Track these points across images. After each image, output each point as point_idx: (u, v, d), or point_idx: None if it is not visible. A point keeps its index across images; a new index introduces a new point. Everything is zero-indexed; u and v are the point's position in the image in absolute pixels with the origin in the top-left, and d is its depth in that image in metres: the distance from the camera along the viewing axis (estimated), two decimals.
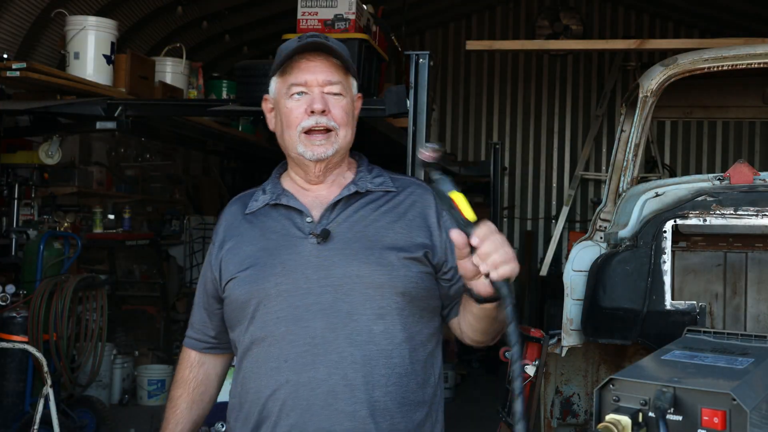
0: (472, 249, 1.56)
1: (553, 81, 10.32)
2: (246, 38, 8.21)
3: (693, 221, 2.80)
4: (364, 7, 4.54)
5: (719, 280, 3.00)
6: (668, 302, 2.81)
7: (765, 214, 2.77)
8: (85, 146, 7.20)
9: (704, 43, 5.02)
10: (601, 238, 3.18)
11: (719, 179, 3.01)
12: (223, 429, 3.21)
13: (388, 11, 6.78)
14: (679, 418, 1.58)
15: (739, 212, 2.78)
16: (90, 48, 4.88)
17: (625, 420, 1.57)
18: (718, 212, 2.79)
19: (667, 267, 2.81)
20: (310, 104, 1.82)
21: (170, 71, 5.66)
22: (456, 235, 1.58)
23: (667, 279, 2.81)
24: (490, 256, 1.55)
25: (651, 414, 1.60)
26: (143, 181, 8.22)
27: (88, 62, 4.87)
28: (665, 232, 2.81)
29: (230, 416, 1.90)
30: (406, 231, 1.84)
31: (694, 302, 2.82)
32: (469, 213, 1.56)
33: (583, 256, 3.10)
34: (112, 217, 7.03)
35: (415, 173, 3.94)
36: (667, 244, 2.81)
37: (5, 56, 4.42)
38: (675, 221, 2.81)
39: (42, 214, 5.81)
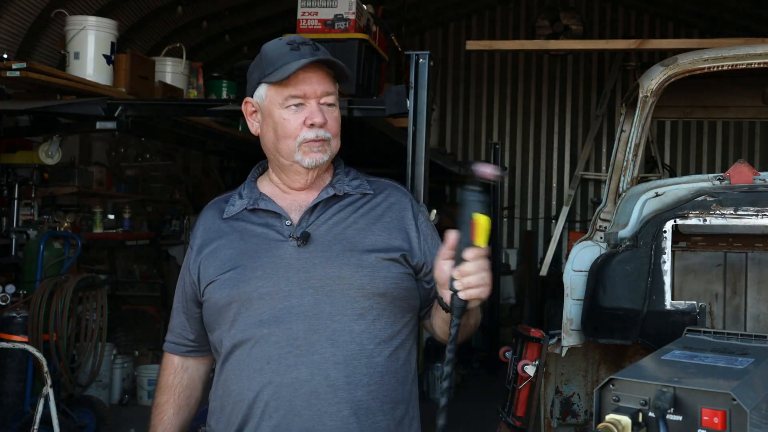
0: (458, 262, 1.62)
1: (553, 81, 10.32)
2: (246, 38, 8.20)
3: (693, 221, 2.80)
4: (364, 7, 4.54)
5: (719, 280, 3.00)
6: (668, 302, 2.80)
7: (765, 214, 2.76)
8: (85, 146, 7.20)
9: (704, 43, 5.02)
10: (601, 238, 3.18)
11: (719, 179, 3.01)
12: None
13: (388, 11, 6.77)
14: (679, 418, 1.58)
15: (739, 212, 2.78)
16: (90, 48, 4.88)
17: (625, 420, 1.57)
18: (718, 212, 2.79)
19: (667, 267, 2.81)
20: (310, 117, 1.83)
21: (170, 71, 5.66)
22: (453, 236, 1.63)
23: (667, 279, 2.81)
24: (469, 275, 1.61)
25: (651, 414, 1.60)
26: (143, 181, 8.21)
27: (88, 62, 4.87)
28: (665, 232, 2.81)
29: (211, 419, 1.90)
30: (385, 233, 1.87)
31: (694, 302, 2.82)
32: (481, 238, 1.62)
33: (583, 256, 3.10)
34: (112, 217, 7.03)
35: (415, 173, 3.94)
36: (667, 244, 2.81)
37: (5, 56, 4.41)
38: (675, 221, 2.81)
39: (42, 214, 5.81)
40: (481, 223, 1.61)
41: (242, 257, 1.85)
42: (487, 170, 1.61)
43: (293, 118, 1.84)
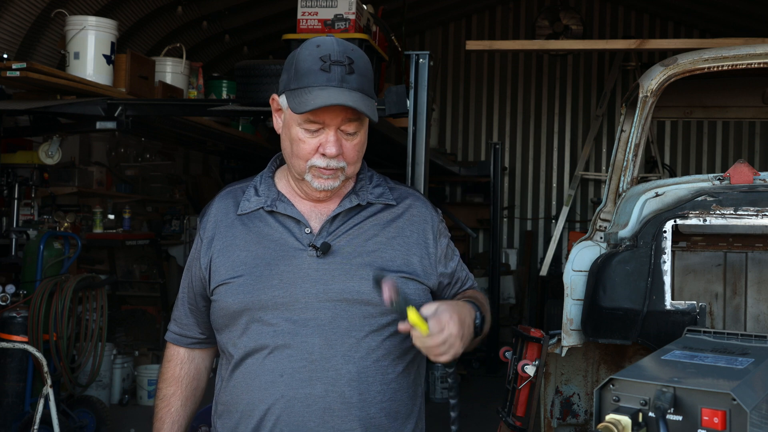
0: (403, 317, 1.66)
1: (553, 81, 10.32)
2: (246, 38, 8.21)
3: (693, 221, 2.80)
4: (364, 7, 4.54)
5: (719, 280, 3.00)
6: (668, 302, 2.81)
7: (765, 214, 2.77)
8: (85, 146, 7.20)
9: (704, 43, 5.02)
10: (601, 238, 3.18)
11: (719, 179, 3.01)
12: None
13: (388, 11, 6.78)
14: (679, 418, 1.58)
15: (739, 212, 2.78)
16: (90, 48, 4.88)
17: (625, 420, 1.57)
18: (718, 212, 2.79)
19: (667, 267, 2.81)
20: (323, 146, 1.75)
21: (170, 71, 5.66)
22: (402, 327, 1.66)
23: (667, 279, 2.81)
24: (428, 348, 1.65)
25: (651, 414, 1.60)
26: (143, 181, 8.22)
27: (88, 62, 4.87)
28: (665, 232, 2.81)
29: (215, 421, 1.87)
30: (404, 248, 1.84)
31: (694, 302, 2.82)
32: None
33: (583, 256, 3.10)
34: (112, 217, 7.03)
35: (415, 173, 3.94)
36: (667, 244, 2.81)
37: (5, 56, 4.42)
38: (675, 221, 2.81)
39: (42, 214, 5.81)
40: (413, 318, 1.62)
41: (258, 262, 1.79)
42: (386, 289, 1.62)
43: (308, 141, 1.75)
